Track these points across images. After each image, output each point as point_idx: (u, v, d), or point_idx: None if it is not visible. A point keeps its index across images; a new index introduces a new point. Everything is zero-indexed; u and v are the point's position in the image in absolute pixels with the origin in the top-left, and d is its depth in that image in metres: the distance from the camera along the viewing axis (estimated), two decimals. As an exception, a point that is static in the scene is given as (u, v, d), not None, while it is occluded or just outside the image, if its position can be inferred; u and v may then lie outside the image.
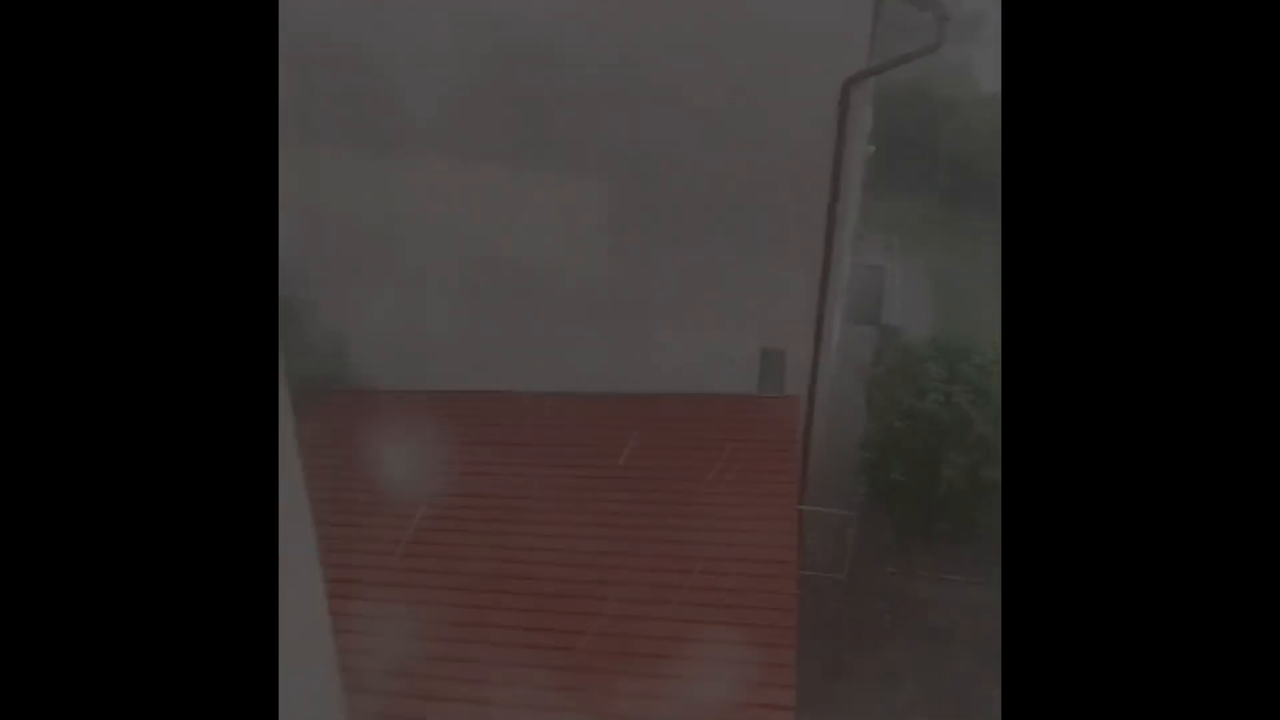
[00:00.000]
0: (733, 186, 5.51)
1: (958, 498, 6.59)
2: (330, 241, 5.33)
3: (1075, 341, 0.50)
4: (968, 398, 6.46)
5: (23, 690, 0.37)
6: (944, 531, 6.83)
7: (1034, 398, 0.50)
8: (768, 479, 5.41)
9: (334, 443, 5.03)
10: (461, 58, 4.90)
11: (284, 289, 0.95)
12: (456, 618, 4.16)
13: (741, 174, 5.44)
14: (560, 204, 5.45)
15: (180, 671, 0.42)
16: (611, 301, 5.57)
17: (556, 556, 4.63)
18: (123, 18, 0.45)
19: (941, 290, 10.86)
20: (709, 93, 5.21)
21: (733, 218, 5.54)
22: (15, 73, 0.42)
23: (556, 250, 5.44)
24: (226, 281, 0.47)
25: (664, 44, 5.17)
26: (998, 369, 6.16)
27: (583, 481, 5.17)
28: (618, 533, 4.84)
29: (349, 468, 4.88)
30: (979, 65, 13.39)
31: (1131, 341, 0.48)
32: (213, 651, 0.43)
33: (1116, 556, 0.46)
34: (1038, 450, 0.49)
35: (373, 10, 5.16)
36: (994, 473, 5.93)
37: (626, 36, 5.13)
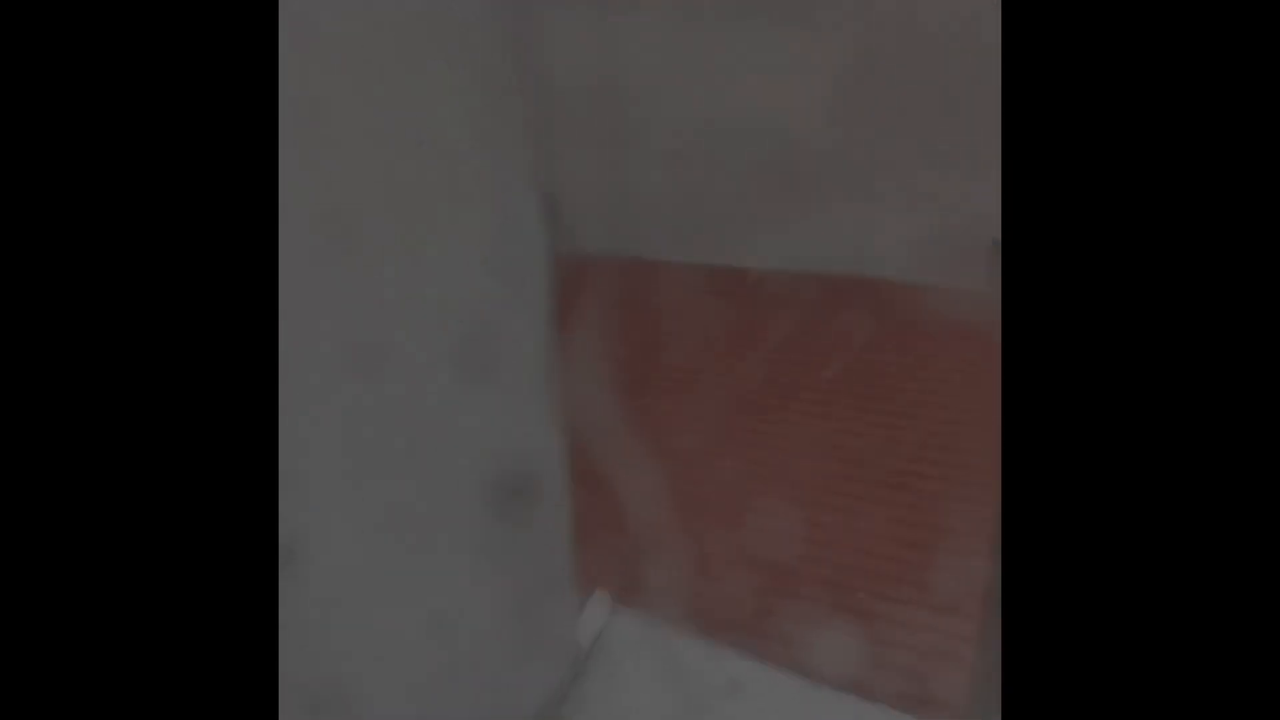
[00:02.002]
0: (980, 54, 4.90)
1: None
2: (546, 101, 5.37)
3: (1081, 334, 0.43)
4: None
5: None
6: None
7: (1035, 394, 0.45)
8: (974, 384, 5.04)
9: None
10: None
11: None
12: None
13: (992, 31, 4.81)
14: (786, 66, 5.13)
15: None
16: (834, 174, 5.25)
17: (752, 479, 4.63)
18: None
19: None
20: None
21: (979, 88, 4.96)
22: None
23: (778, 117, 5.15)
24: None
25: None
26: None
27: (787, 365, 5.07)
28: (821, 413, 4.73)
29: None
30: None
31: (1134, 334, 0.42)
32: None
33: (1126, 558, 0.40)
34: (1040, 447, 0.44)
35: None
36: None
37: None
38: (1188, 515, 0.40)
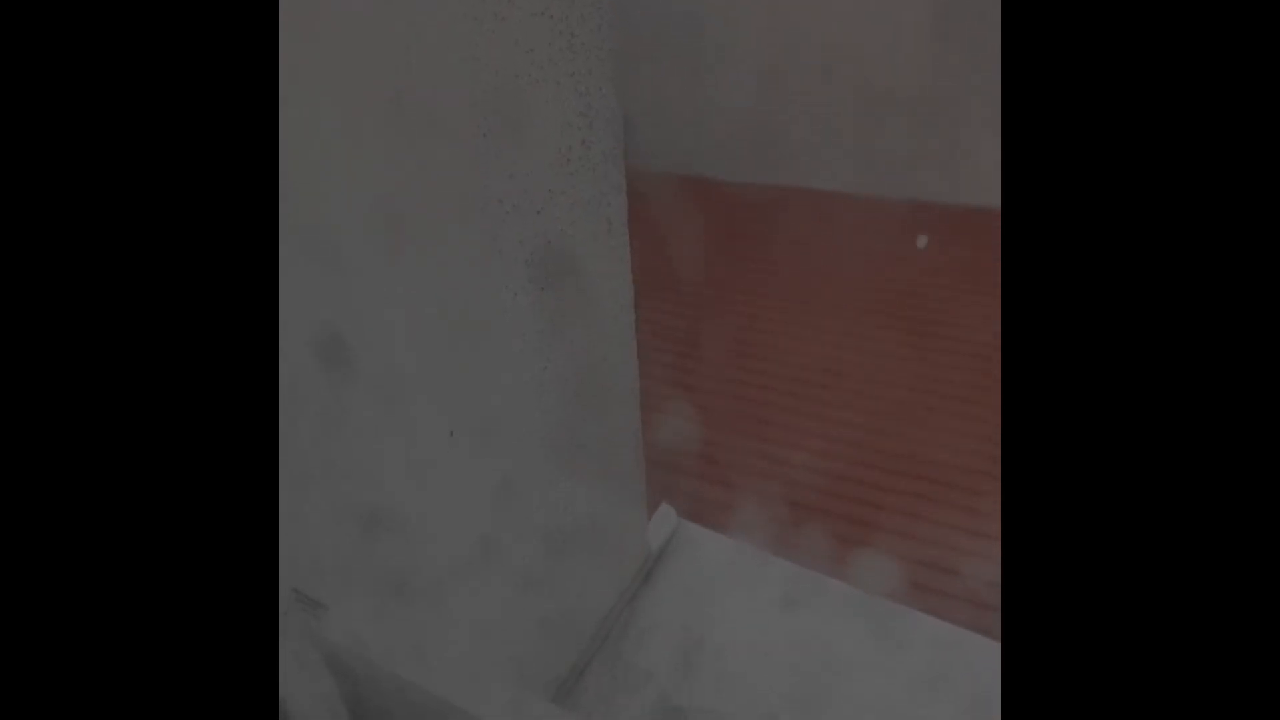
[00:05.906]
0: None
1: None
2: (632, 19, 5.24)
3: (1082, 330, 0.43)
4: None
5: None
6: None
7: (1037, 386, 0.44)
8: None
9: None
10: None
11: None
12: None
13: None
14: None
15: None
16: (926, 103, 5.00)
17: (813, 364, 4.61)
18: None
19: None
20: None
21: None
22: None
23: (872, 44, 4.90)
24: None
25: None
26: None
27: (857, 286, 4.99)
28: (877, 347, 4.68)
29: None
30: None
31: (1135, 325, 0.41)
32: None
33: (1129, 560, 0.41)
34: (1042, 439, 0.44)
35: None
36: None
37: None
38: (1189, 508, 0.40)
